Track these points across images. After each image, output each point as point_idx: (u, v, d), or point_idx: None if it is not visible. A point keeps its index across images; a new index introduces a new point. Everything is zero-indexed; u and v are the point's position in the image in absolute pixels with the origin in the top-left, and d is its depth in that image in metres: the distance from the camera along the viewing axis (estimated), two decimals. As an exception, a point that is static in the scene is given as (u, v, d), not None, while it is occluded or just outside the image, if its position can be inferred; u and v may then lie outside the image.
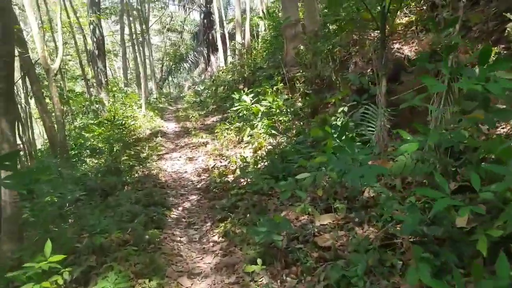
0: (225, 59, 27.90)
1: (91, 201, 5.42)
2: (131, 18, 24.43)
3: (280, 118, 7.75)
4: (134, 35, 22.73)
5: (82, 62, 18.76)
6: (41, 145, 15.70)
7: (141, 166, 7.63)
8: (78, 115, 15.54)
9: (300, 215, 4.26)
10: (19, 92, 15.67)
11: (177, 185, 6.84)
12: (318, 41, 8.74)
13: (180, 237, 4.58)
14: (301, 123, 7.53)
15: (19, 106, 11.70)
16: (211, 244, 4.35)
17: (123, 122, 11.14)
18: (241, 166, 6.29)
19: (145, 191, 5.92)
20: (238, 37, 17.61)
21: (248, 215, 4.65)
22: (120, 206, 5.04)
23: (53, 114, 10.40)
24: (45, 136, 13.99)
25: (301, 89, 9.10)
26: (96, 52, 16.65)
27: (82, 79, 22.66)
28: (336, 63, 7.45)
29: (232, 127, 8.57)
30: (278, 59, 13.44)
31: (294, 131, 7.07)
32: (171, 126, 13.42)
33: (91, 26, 16.66)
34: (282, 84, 9.88)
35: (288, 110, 8.03)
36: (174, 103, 24.85)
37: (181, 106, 21.82)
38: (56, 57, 10.16)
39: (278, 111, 7.94)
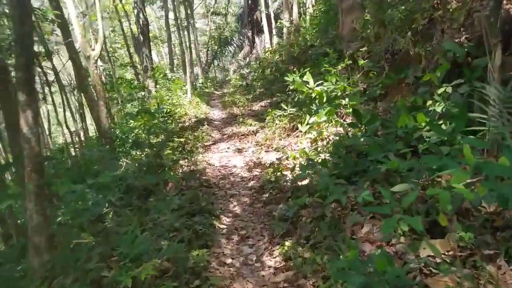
0: (271, 40, 26.55)
1: (129, 206, 4.60)
2: (175, 3, 23.73)
3: (346, 103, 6.46)
4: (178, 20, 22.02)
5: (130, 49, 18.36)
6: (93, 134, 15.57)
7: (186, 160, 6.76)
8: (128, 102, 15.12)
9: (392, 236, 3.08)
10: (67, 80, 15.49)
11: (225, 183, 5.87)
12: (386, 8, 7.27)
13: (232, 258, 3.59)
14: (371, 107, 6.21)
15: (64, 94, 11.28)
16: (271, 271, 3.31)
17: (167, 110, 10.37)
18: (302, 162, 5.16)
19: (190, 194, 4.99)
20: (286, 15, 16.18)
21: (316, 230, 3.55)
22: (160, 214, 4.15)
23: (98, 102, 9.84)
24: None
25: (365, 67, 7.72)
26: (141, 37, 16.06)
27: (131, 66, 22.45)
28: (416, 32, 5.99)
29: (285, 114, 7.42)
30: (332, 35, 12.00)
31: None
32: (217, 113, 12.52)
33: (135, 11, 16.04)
34: (342, 62, 8.53)
35: (356, 92, 6.72)
36: (220, 88, 24.04)
37: (227, 90, 20.93)
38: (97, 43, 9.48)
39: (341, 93, 6.66)
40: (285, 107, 7.26)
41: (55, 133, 21.33)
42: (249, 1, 31.93)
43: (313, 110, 6.11)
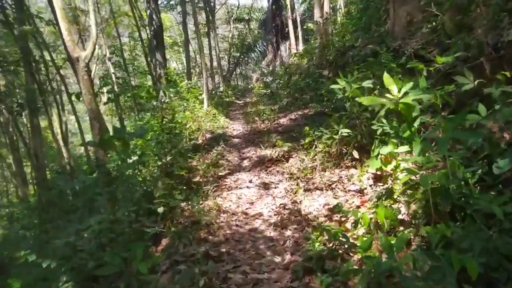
0: (297, 45, 24.25)
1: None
2: (195, 7, 21.87)
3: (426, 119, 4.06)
4: (198, 25, 20.02)
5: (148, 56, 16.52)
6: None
7: (188, 204, 4.49)
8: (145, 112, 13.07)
9: None
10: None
11: (245, 251, 3.55)
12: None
13: None
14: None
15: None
16: None
17: (175, 126, 8.19)
18: (381, 234, 2.77)
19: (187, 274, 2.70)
20: (317, 14, 13.83)
21: None
22: None
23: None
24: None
25: (442, 68, 5.30)
26: (154, 42, 14.10)
27: (149, 73, 20.62)
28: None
29: (334, 135, 5.04)
30: (378, 33, 9.58)
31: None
32: (237, 127, 10.26)
33: (148, 11, 14.12)
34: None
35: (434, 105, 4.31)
36: (242, 96, 21.88)
37: (250, 99, 18.71)
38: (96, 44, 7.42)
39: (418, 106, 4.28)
40: (336, 127, 4.89)
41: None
42: (273, 6, 29.81)
43: (392, 133, 3.74)
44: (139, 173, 4.92)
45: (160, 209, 4.24)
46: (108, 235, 3.47)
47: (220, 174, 5.82)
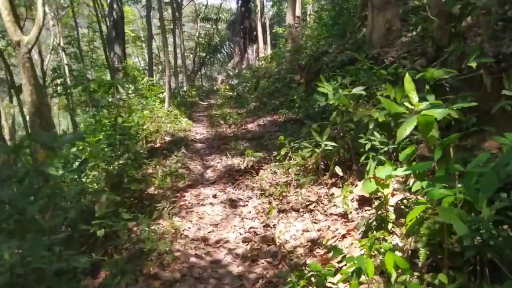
0: (265, 49, 23.71)
1: None
2: (162, 3, 20.74)
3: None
4: (164, 21, 18.88)
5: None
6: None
7: (137, 225, 3.61)
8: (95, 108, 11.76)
9: None
10: None
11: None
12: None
13: None
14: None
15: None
16: None
17: (130, 126, 7.20)
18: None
19: None
20: (289, 17, 13.27)
21: None
22: None
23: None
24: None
25: (430, 81, 4.82)
26: (113, 33, 12.89)
27: (107, 67, 19.16)
28: None
29: (316, 149, 4.35)
30: (354, 40, 9.15)
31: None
32: (201, 130, 9.39)
33: (108, 0, 12.89)
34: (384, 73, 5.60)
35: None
36: (206, 98, 20.93)
37: (214, 101, 17.85)
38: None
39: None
40: (317, 138, 4.19)
41: None
42: (242, 8, 29.16)
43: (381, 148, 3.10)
44: (77, 185, 3.95)
45: (101, 232, 3.33)
46: (25, 268, 2.54)
47: (179, 186, 4.95)
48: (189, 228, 3.78)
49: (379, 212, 3.28)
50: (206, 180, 5.28)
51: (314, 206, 4.04)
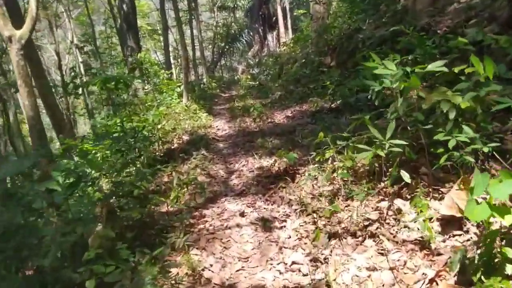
0: (286, 34, 22.39)
1: None
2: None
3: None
4: (178, 10, 17.90)
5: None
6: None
7: (139, 270, 2.65)
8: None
9: None
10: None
11: None
12: None
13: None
14: None
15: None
16: None
17: (143, 126, 6.30)
18: None
19: None
20: (313, -6, 11.97)
21: None
22: None
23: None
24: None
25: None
26: (125, 26, 12.04)
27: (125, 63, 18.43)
28: None
29: (380, 152, 3.22)
30: (392, 12, 7.85)
31: None
32: (222, 125, 8.40)
33: (118, -10, 12.01)
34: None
35: None
36: (227, 89, 19.94)
37: (236, 92, 16.84)
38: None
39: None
40: (379, 136, 3.06)
41: None
42: (260, -6, 27.82)
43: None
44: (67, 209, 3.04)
45: (91, 284, 2.40)
46: None
47: (197, 202, 3.97)
48: (211, 266, 2.79)
49: (487, 244, 2.19)
50: (230, 190, 4.28)
51: (377, 228, 2.96)
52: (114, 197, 3.30)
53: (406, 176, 3.04)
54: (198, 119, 8.51)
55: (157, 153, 6.52)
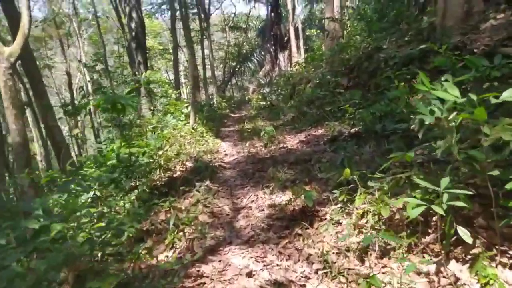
0: (299, 53, 21.97)
1: None
2: (190, 13, 19.65)
3: None
4: (189, 28, 17.65)
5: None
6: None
7: None
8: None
9: None
10: None
11: None
12: None
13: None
14: None
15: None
16: None
17: (143, 152, 5.67)
18: None
19: None
20: (329, 13, 11.45)
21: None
22: None
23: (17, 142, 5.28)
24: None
25: None
26: (134, 44, 11.65)
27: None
28: None
29: (434, 205, 2.47)
30: (416, 30, 7.20)
31: None
32: (230, 151, 7.73)
33: (127, 8, 11.68)
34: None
35: None
36: (237, 109, 19.43)
37: (246, 112, 16.27)
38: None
39: None
40: (430, 186, 2.32)
41: None
42: (272, 14, 27.63)
43: None
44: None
45: None
46: None
47: (195, 250, 3.25)
48: None
49: None
50: (236, 236, 3.55)
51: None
52: (89, 251, 2.60)
53: (466, 235, 2.28)
54: (205, 143, 7.86)
55: (158, 182, 5.85)
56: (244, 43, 28.01)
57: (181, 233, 3.76)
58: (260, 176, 5.32)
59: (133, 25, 11.49)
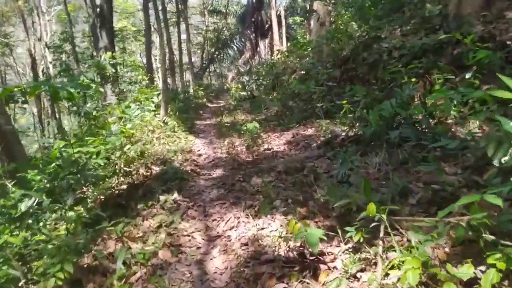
0: (281, 41, 20.83)
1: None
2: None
3: None
4: (166, 13, 16.14)
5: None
6: None
7: None
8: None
9: None
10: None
11: None
12: None
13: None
14: None
15: None
16: None
17: (97, 152, 4.51)
18: None
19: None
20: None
21: None
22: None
23: None
24: None
25: None
26: (98, 23, 10.20)
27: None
28: None
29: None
30: (424, 18, 6.27)
31: None
32: (206, 150, 6.62)
33: (90, -19, 10.17)
34: None
35: None
36: (216, 98, 18.20)
37: (225, 103, 15.11)
38: None
39: None
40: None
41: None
42: (253, 0, 26.32)
43: None
44: None
45: None
46: None
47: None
48: None
49: None
50: (209, 285, 2.50)
51: None
52: None
53: None
54: (176, 139, 6.71)
55: (114, 190, 4.70)
56: (224, 29, 26.56)
57: (133, 278, 2.69)
58: (242, 188, 4.27)
59: (97, 0, 10.02)
